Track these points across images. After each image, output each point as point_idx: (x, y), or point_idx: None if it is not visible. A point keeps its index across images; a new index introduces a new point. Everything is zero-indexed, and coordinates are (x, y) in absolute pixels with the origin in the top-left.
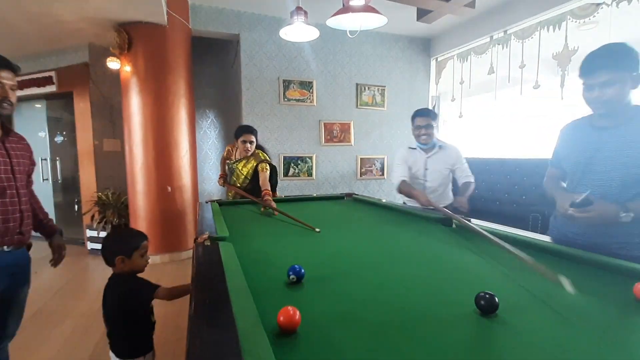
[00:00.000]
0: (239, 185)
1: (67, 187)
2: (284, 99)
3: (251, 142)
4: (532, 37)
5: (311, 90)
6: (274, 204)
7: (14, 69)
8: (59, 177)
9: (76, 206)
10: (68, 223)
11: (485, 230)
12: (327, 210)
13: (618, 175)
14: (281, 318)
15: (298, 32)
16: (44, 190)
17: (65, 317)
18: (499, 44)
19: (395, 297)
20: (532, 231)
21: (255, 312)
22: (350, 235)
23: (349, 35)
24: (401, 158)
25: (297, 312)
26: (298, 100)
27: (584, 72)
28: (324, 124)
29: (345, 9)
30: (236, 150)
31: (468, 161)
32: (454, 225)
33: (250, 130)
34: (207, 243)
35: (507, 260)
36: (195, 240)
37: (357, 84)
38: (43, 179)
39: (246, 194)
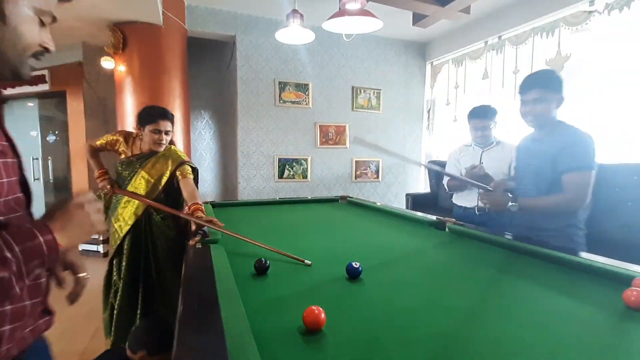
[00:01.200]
0: (142, 195)
1: (59, 187)
2: (279, 100)
3: (167, 133)
4: (525, 43)
5: (307, 93)
6: (217, 222)
7: None
8: (51, 177)
9: None
10: None
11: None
12: (322, 213)
13: (531, 181)
14: (307, 319)
15: (294, 34)
16: (34, 190)
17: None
18: (493, 49)
19: (387, 301)
20: None
21: (245, 317)
22: (344, 239)
23: (344, 38)
24: (450, 159)
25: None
26: (294, 102)
27: (522, 90)
28: (320, 126)
29: (341, 12)
30: (134, 142)
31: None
32: (447, 230)
33: (166, 114)
34: (199, 246)
35: (498, 264)
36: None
37: (353, 87)
38: (34, 179)
39: (165, 207)
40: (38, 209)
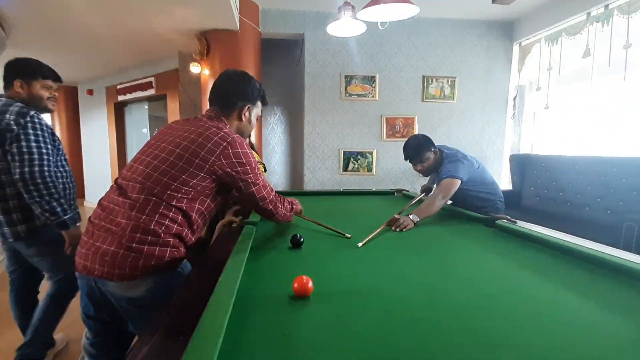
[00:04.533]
0: None
1: None
2: (345, 94)
3: None
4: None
5: (373, 85)
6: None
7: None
8: None
9: None
10: None
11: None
12: (366, 204)
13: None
14: (295, 285)
15: (346, 27)
16: None
17: None
18: (597, 22)
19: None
20: (624, 244)
21: (236, 284)
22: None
23: (379, 27)
24: None
25: (310, 281)
26: (360, 95)
27: (406, 158)
28: (386, 118)
29: (376, 0)
30: None
31: (552, 159)
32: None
33: None
34: (234, 225)
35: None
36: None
37: (423, 76)
38: None
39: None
40: None
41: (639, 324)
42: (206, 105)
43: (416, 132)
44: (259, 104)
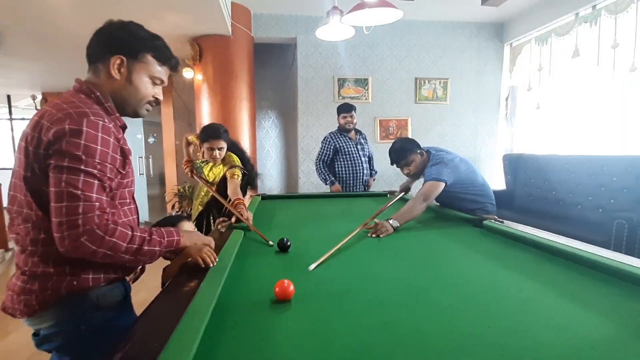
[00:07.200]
0: (202, 194)
1: (158, 181)
2: (338, 97)
3: (220, 149)
4: (627, 11)
5: (366, 87)
6: (248, 217)
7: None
8: (152, 173)
9: (166, 198)
10: (158, 213)
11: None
12: (361, 207)
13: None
14: (276, 289)
15: (334, 31)
16: (139, 183)
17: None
18: (585, 22)
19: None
20: (615, 241)
21: (218, 288)
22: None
23: (365, 31)
24: None
25: (291, 285)
26: (353, 98)
27: (392, 163)
28: (380, 120)
29: (361, 5)
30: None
31: (544, 158)
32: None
33: (218, 134)
34: (222, 229)
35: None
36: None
37: (416, 78)
38: (139, 174)
39: (220, 199)
40: (142, 201)
41: (613, 322)
42: (199, 109)
43: (409, 134)
44: (151, 60)
